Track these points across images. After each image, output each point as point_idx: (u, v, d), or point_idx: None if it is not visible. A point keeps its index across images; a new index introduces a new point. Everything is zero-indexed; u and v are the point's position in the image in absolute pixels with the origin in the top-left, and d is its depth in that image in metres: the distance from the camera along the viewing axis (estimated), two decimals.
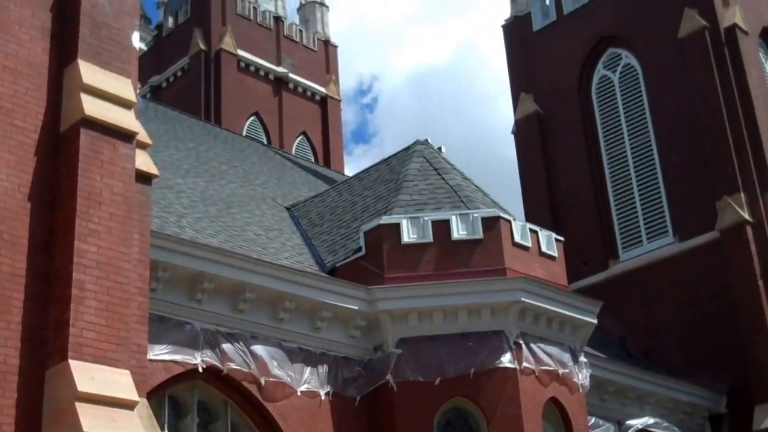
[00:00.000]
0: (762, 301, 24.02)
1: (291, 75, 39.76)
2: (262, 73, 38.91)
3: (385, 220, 18.92)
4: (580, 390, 18.72)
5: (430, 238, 18.66)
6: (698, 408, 24.17)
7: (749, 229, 24.81)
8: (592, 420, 20.37)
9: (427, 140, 22.95)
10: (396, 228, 18.74)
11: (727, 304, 24.64)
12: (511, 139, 31.35)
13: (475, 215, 18.95)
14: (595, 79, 30.00)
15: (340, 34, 61.43)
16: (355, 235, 19.40)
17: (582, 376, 18.83)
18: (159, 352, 14.62)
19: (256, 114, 38.27)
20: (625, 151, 28.38)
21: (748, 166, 25.53)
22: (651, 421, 22.63)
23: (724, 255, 24.95)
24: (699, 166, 26.33)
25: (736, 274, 24.60)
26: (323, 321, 17.14)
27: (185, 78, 38.36)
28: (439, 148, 22.82)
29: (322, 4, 44.27)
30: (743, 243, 24.69)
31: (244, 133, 35.03)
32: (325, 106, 40.97)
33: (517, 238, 19.09)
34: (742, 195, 25.18)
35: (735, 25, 27.21)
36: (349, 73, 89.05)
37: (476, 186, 20.97)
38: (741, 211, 24.91)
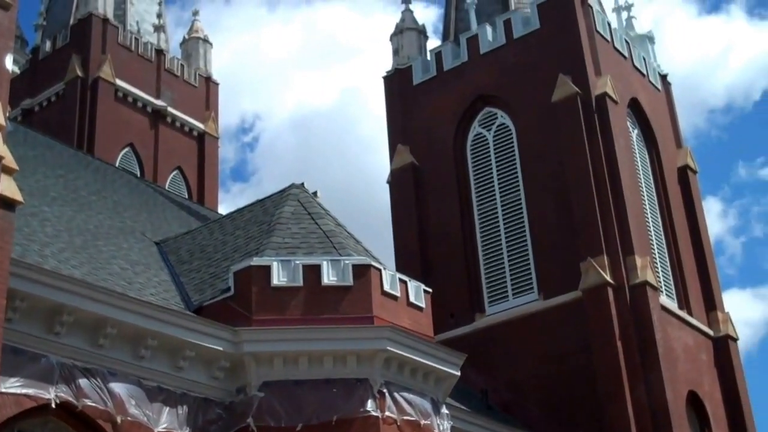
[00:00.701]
0: (619, 361, 24.65)
1: (169, 109, 39.25)
2: (139, 104, 38.29)
3: (256, 261, 18.79)
4: None
5: (300, 282, 18.61)
6: None
7: (610, 291, 25.52)
8: None
9: (302, 184, 22.97)
10: (266, 270, 18.63)
11: (587, 362, 25.22)
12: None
13: (347, 262, 19.01)
14: (471, 135, 30.58)
15: (225, 71, 61.08)
16: (225, 274, 19.19)
17: (443, 428, 18.94)
18: (10, 385, 14.08)
19: (131, 145, 37.58)
20: (496, 208, 28.95)
21: (612, 230, 26.32)
22: None
23: (586, 315, 25.60)
24: (565, 227, 27.03)
25: (595, 333, 25.24)
26: (186, 360, 16.82)
27: (59, 104, 37.44)
28: (315, 193, 22.87)
29: (206, 41, 43.95)
30: (604, 304, 25.37)
31: (117, 164, 34.32)
32: (202, 142, 40.54)
33: (387, 287, 19.21)
34: (606, 258, 25.92)
35: (606, 94, 28.18)
36: (232, 111, 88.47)
37: (349, 233, 21.05)
38: (603, 273, 25.62)
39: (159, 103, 38.91)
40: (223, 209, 38.25)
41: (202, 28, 44.53)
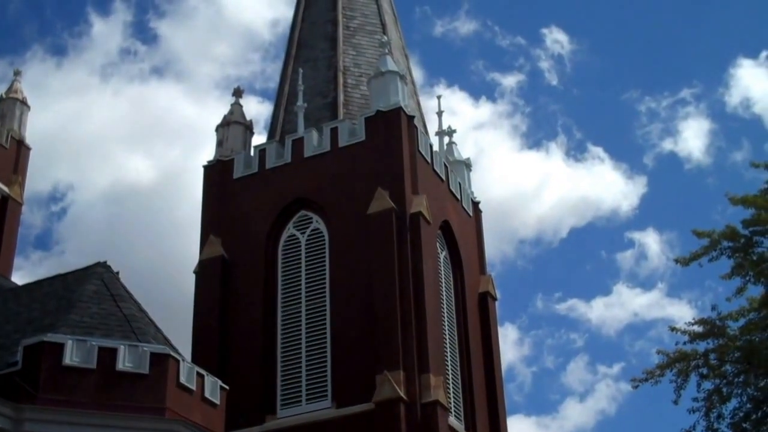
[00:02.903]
0: None
1: None
2: None
3: (49, 337, 18.21)
4: None
5: (93, 364, 18.12)
6: None
7: (402, 407, 25.76)
8: None
9: (106, 262, 22.49)
10: (59, 348, 18.07)
11: None
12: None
13: (145, 349, 18.67)
14: (284, 236, 30.69)
15: (44, 135, 59.06)
16: (14, 347, 18.45)
17: None
18: None
19: None
20: (300, 311, 28.96)
21: (411, 346, 26.71)
22: None
23: (376, 427, 25.69)
24: (366, 338, 27.27)
25: None
26: None
27: None
28: (117, 273, 22.40)
29: (24, 103, 42.61)
30: (395, 418, 25.53)
31: None
32: (4, 206, 38.91)
33: (183, 380, 18.93)
34: (401, 373, 26.23)
35: (420, 213, 28.92)
36: (45, 176, 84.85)
37: (150, 320, 20.70)
38: (397, 388, 25.89)
39: None
40: (17, 276, 36.71)
41: (22, 90, 43.19)
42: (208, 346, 28.82)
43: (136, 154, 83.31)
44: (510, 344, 76.05)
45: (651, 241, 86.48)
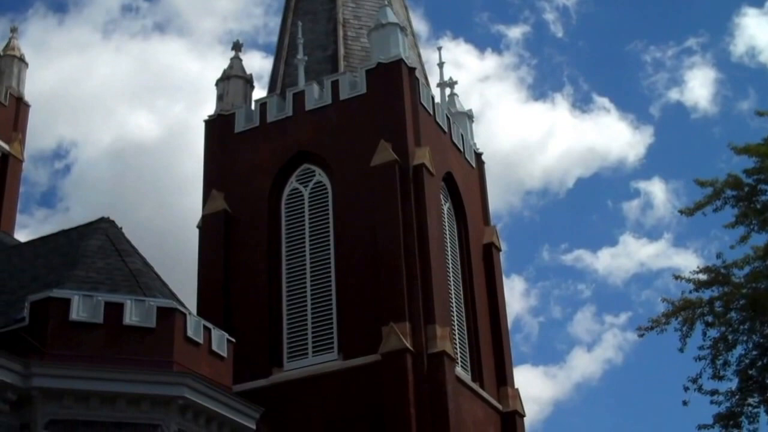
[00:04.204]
0: (412, 428, 24.86)
1: None
2: None
3: (56, 293, 18.20)
4: None
5: (100, 319, 18.12)
6: None
7: (409, 357, 25.84)
8: None
9: (108, 217, 22.45)
10: (66, 303, 18.07)
11: (379, 425, 25.31)
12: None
13: (151, 303, 18.67)
14: (287, 190, 30.60)
15: (47, 92, 58.70)
16: (21, 303, 18.44)
17: None
18: None
19: None
20: (305, 264, 28.96)
21: (417, 297, 26.74)
22: None
23: (383, 378, 25.79)
24: (372, 290, 27.29)
25: (390, 398, 25.36)
26: None
27: None
28: (121, 228, 22.35)
29: (22, 60, 42.32)
30: (402, 370, 25.63)
31: None
32: (5, 164, 38.79)
33: (190, 333, 18.95)
34: (407, 324, 26.28)
35: (423, 165, 28.81)
36: (48, 133, 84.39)
37: (156, 274, 20.69)
38: (404, 339, 25.95)
39: None
40: (23, 234, 36.77)
41: (19, 47, 42.85)
42: (214, 300, 28.85)
43: (139, 110, 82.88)
44: (517, 295, 76.34)
45: (657, 190, 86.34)
